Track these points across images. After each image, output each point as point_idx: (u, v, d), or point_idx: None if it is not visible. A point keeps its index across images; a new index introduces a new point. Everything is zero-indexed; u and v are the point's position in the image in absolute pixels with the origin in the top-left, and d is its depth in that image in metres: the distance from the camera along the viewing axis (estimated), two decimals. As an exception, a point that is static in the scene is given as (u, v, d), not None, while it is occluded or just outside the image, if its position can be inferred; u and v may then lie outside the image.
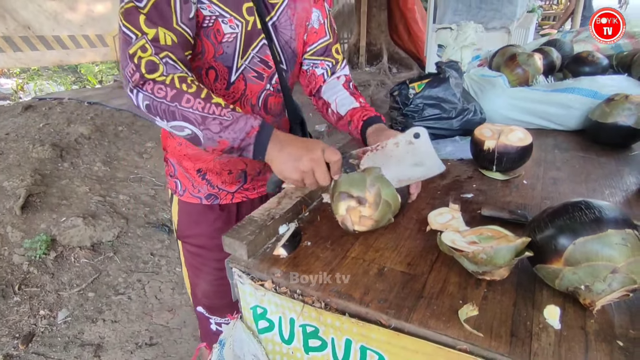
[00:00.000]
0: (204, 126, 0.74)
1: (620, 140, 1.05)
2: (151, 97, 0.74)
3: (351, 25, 7.09)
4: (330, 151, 0.75)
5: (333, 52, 1.05)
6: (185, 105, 0.73)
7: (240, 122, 0.74)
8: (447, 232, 0.66)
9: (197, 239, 1.06)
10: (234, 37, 0.85)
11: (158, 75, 0.73)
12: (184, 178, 1.03)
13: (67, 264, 2.31)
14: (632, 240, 0.51)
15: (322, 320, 0.64)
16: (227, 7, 0.82)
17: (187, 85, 0.74)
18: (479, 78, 1.39)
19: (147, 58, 0.73)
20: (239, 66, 0.89)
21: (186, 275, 1.14)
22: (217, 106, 0.75)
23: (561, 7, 7.24)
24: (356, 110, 1.00)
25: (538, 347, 0.50)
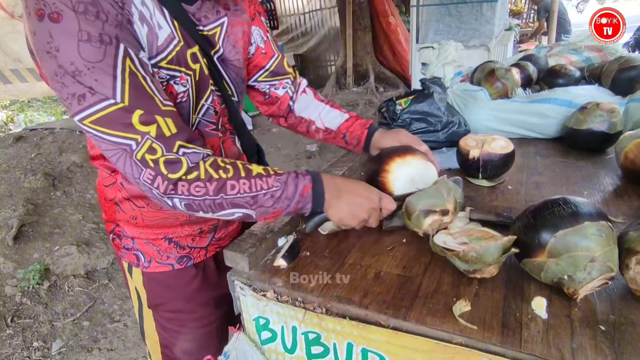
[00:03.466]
0: (257, 205, 0.70)
1: (596, 145, 1.11)
2: (190, 198, 0.67)
3: (337, 47, 7.31)
4: (387, 201, 0.78)
5: (286, 68, 1.01)
6: (232, 193, 0.68)
7: (290, 187, 0.71)
8: (438, 234, 0.70)
9: (172, 305, 0.95)
10: (187, 95, 0.76)
11: (184, 172, 0.66)
12: (146, 248, 0.89)
13: (61, 293, 2.28)
14: (606, 231, 0.55)
15: (323, 326, 0.67)
16: (176, 65, 0.72)
17: (223, 170, 0.68)
18: (461, 92, 1.46)
19: (162, 158, 0.64)
20: (194, 122, 0.80)
21: (154, 341, 1.00)
22: (261, 178, 0.70)
23: (537, 24, 7.58)
24: (350, 122, 1.00)
25: (528, 335, 0.53)
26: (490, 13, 3.73)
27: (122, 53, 0.61)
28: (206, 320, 0.97)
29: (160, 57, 0.69)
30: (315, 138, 1.07)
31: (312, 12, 7.82)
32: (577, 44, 1.68)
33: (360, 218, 0.75)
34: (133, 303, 1.00)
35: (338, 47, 7.21)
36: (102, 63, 0.59)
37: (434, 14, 3.95)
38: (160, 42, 0.69)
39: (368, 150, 1.01)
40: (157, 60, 0.69)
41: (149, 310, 0.97)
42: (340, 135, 1.02)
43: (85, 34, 0.58)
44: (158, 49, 0.68)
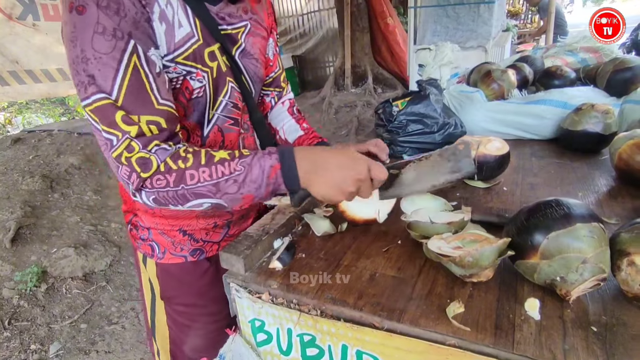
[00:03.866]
0: (220, 193, 0.68)
1: (591, 146, 1.11)
2: (154, 191, 0.68)
3: (335, 48, 7.32)
4: (377, 168, 0.70)
5: (282, 82, 1.06)
6: (192, 183, 0.67)
7: (255, 168, 0.68)
8: (432, 240, 0.70)
9: (185, 298, 0.97)
10: (203, 90, 0.78)
11: (155, 170, 0.67)
12: (161, 239, 0.92)
13: (58, 295, 2.28)
14: (598, 233, 0.56)
15: (318, 328, 0.67)
16: (192, 62, 0.75)
17: (182, 160, 0.68)
18: (458, 94, 1.47)
19: (136, 156, 0.66)
20: (211, 117, 0.83)
21: (164, 337, 1.01)
22: (223, 163, 0.68)
23: (535, 25, 7.60)
24: (302, 139, 1.02)
25: (520, 336, 0.53)
26: (488, 14, 3.74)
27: (131, 49, 0.65)
28: (217, 317, 0.98)
29: (177, 53, 0.73)
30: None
31: (311, 13, 7.82)
32: (573, 45, 1.69)
33: (346, 192, 0.68)
34: (145, 297, 1.02)
35: (336, 48, 7.21)
36: (109, 56, 0.63)
37: (432, 15, 3.96)
38: (177, 39, 0.73)
39: None
40: (174, 55, 0.73)
41: (161, 302, 0.98)
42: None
43: (101, 27, 0.63)
44: (175, 45, 0.72)
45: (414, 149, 1.27)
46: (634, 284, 0.55)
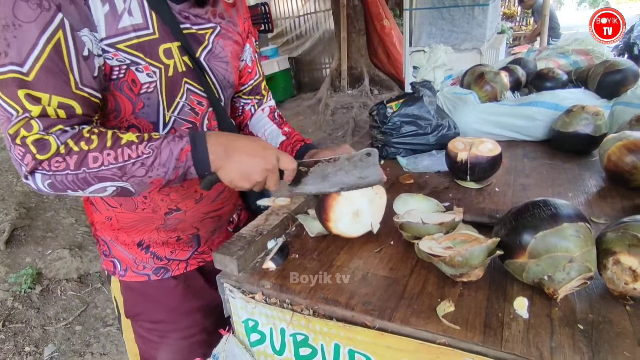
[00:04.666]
0: (127, 176, 0.65)
1: (581, 148, 1.13)
2: (50, 173, 0.63)
3: (332, 50, 7.34)
4: (285, 159, 0.71)
5: (262, 90, 1.03)
6: (94, 166, 0.63)
7: (164, 152, 0.65)
8: (423, 240, 0.71)
9: (151, 315, 0.92)
10: (154, 87, 0.73)
11: (53, 152, 0.62)
12: (122, 256, 0.87)
13: (53, 297, 2.27)
14: (584, 232, 0.57)
15: (311, 327, 0.68)
16: (140, 52, 0.70)
17: (86, 141, 0.63)
18: (451, 96, 1.48)
19: (34, 137, 0.61)
20: (167, 120, 0.78)
21: (134, 354, 0.98)
22: (130, 146, 0.65)
23: (529, 27, 7.66)
24: (285, 144, 0.98)
25: (509, 334, 0.54)
26: (482, 17, 3.77)
27: (57, 23, 0.61)
28: (189, 332, 0.95)
29: (119, 39, 0.68)
30: None
31: (307, 15, 7.84)
32: (565, 48, 1.71)
33: (253, 180, 0.69)
34: (116, 313, 1.00)
35: (333, 50, 7.23)
36: (30, 25, 0.59)
37: (427, 18, 3.99)
38: (121, 25, 0.68)
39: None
40: (115, 41, 0.68)
41: (127, 320, 0.94)
42: None
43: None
44: (117, 31, 0.68)
45: (408, 150, 1.29)
46: (620, 282, 0.56)
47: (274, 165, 0.70)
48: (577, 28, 7.50)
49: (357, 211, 0.79)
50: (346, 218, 0.79)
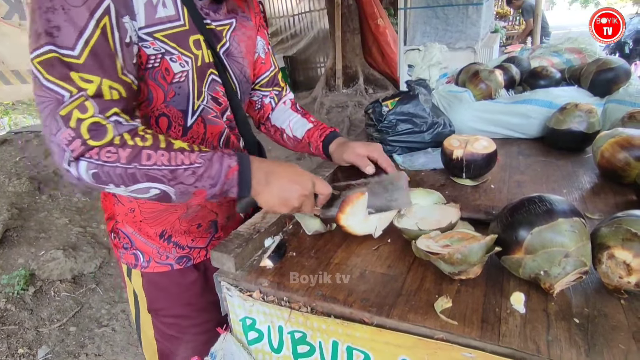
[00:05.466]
0: (175, 181, 0.65)
1: (575, 145, 1.14)
2: (99, 163, 0.61)
3: (327, 49, 7.34)
4: (321, 185, 0.74)
5: (280, 81, 1.05)
6: (147, 164, 0.63)
7: (215, 165, 0.67)
8: (421, 239, 0.71)
9: (173, 309, 0.93)
10: (185, 76, 0.75)
11: (107, 141, 0.61)
12: (145, 247, 0.88)
13: (46, 298, 2.24)
14: (579, 227, 0.57)
15: (309, 325, 0.68)
16: (173, 43, 0.72)
17: (141, 138, 0.64)
18: (446, 94, 1.49)
19: (90, 120, 0.60)
20: (196, 108, 0.80)
21: (152, 351, 0.97)
22: (183, 152, 0.65)
23: (522, 26, 7.72)
24: (312, 131, 1.01)
25: (506, 329, 0.54)
26: (476, 16, 3.79)
27: (104, 8, 0.61)
28: (206, 327, 0.96)
29: (157, 29, 0.71)
30: (288, 147, 1.08)
31: (302, 14, 7.83)
32: (558, 47, 1.72)
33: (291, 206, 0.72)
34: (130, 310, 0.99)
35: (327, 49, 7.23)
36: (80, 9, 0.59)
37: (421, 17, 4.00)
38: (158, 15, 0.70)
39: (331, 159, 1.01)
40: (153, 30, 0.70)
41: (148, 315, 0.95)
42: (306, 143, 1.03)
43: None
44: (154, 20, 0.70)
45: (404, 148, 1.29)
46: (614, 276, 0.56)
47: (310, 191, 0.73)
48: (569, 27, 7.58)
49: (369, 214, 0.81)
50: (359, 217, 0.79)
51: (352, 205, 0.78)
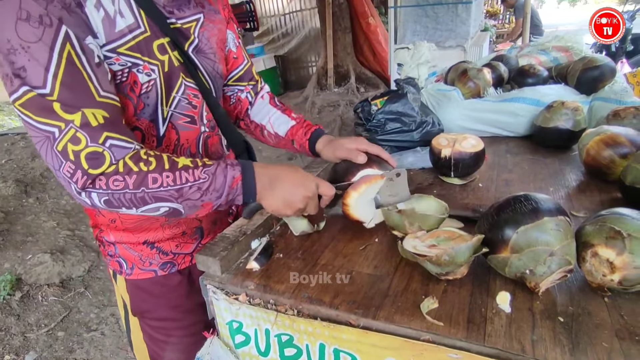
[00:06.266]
0: (182, 198, 0.67)
1: (562, 143, 1.15)
2: (109, 192, 0.64)
3: (318, 48, 7.32)
4: (325, 186, 0.76)
5: (254, 74, 1.03)
6: (154, 187, 0.65)
7: (219, 178, 0.69)
8: (407, 239, 0.70)
9: (158, 312, 0.93)
10: (152, 85, 0.74)
11: (106, 167, 0.63)
12: (128, 255, 0.88)
13: (34, 303, 2.20)
14: (564, 226, 0.57)
15: (295, 328, 0.67)
16: (138, 53, 0.70)
17: (144, 162, 0.65)
18: (435, 92, 1.49)
19: (86, 150, 0.61)
20: (165, 115, 0.79)
21: (143, 355, 0.98)
22: (187, 170, 0.67)
23: (512, 25, 7.79)
24: (295, 128, 0.99)
25: (492, 329, 0.54)
26: (466, 14, 3.81)
27: (63, 37, 0.60)
28: (193, 329, 0.95)
29: (119, 43, 0.68)
30: (269, 143, 1.06)
31: (293, 13, 7.80)
32: (545, 45, 1.74)
33: (295, 208, 0.74)
34: (120, 313, 0.99)
35: (319, 48, 7.22)
36: (39, 44, 0.58)
37: (411, 15, 4.01)
38: (118, 28, 0.68)
39: (319, 156, 0.99)
40: (115, 45, 0.68)
41: (135, 318, 0.95)
42: (289, 141, 1.01)
43: (25, 13, 0.57)
44: (115, 35, 0.67)
45: (393, 147, 1.29)
46: (598, 274, 0.56)
47: (314, 193, 0.75)
48: (557, 26, 7.67)
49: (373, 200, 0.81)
50: (364, 200, 0.80)
51: (368, 185, 0.78)
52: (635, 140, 0.88)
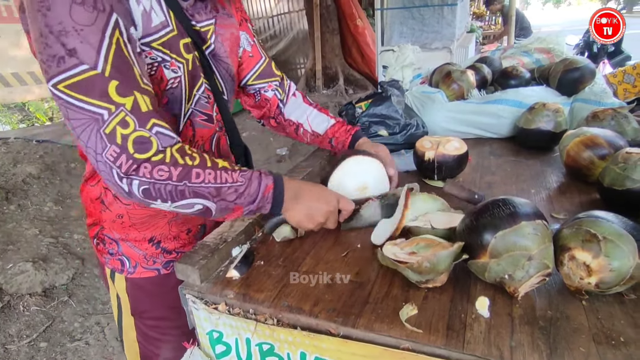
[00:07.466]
0: (219, 197, 0.69)
1: (544, 144, 1.16)
2: (151, 181, 0.64)
3: (306, 50, 7.32)
4: (345, 202, 0.80)
5: (274, 70, 1.05)
6: (196, 181, 0.66)
7: (254, 183, 0.71)
8: (386, 246, 0.70)
9: (155, 312, 0.94)
10: (178, 82, 0.76)
11: (153, 153, 0.63)
12: (132, 253, 0.88)
13: (15, 314, 2.15)
14: (541, 230, 0.57)
15: (276, 337, 0.66)
16: (167, 49, 0.73)
17: (189, 157, 0.67)
18: (420, 94, 1.49)
19: (134, 134, 0.61)
20: (186, 112, 0.81)
21: (135, 353, 0.98)
22: (227, 171, 0.69)
23: (499, 26, 7.89)
24: (336, 127, 1.05)
25: (471, 336, 0.54)
26: (451, 16, 3.84)
27: (113, 23, 0.62)
28: (188, 328, 0.95)
29: (153, 38, 0.71)
30: (303, 140, 1.10)
31: (280, 15, 7.79)
32: (528, 47, 1.75)
33: (317, 221, 0.77)
34: (113, 312, 0.99)
35: (307, 50, 7.21)
36: (92, 28, 0.59)
37: (398, 17, 4.03)
38: (154, 24, 0.70)
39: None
40: (150, 40, 0.70)
41: (131, 318, 0.95)
42: (327, 139, 1.06)
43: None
44: (151, 29, 0.70)
45: (377, 150, 1.28)
46: (575, 277, 0.56)
47: (335, 207, 0.78)
48: (541, 27, 7.79)
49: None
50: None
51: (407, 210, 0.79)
52: (613, 141, 0.89)
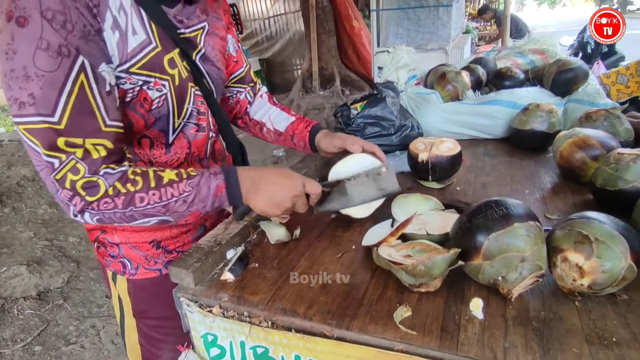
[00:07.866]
0: (170, 212, 0.71)
1: (538, 145, 1.16)
2: (100, 212, 0.67)
3: (302, 51, 7.32)
4: (311, 185, 0.77)
5: (252, 76, 1.08)
6: (141, 205, 0.68)
7: (203, 189, 0.71)
8: (382, 247, 0.70)
9: (156, 312, 0.95)
10: (164, 100, 0.75)
11: (102, 194, 0.66)
12: (133, 255, 0.89)
13: (9, 317, 2.13)
14: (534, 231, 0.58)
15: (270, 340, 0.65)
16: (148, 70, 0.71)
17: (132, 183, 0.68)
18: (415, 95, 1.49)
19: (83, 180, 0.64)
20: (177, 126, 0.81)
21: (136, 352, 0.99)
22: (172, 185, 0.69)
23: (493, 28, 7.93)
24: (296, 124, 1.03)
25: (465, 337, 0.54)
26: (447, 17, 3.86)
27: (78, 67, 0.61)
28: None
29: (131, 63, 0.69)
30: (268, 140, 1.10)
31: (276, 16, 7.79)
32: (522, 47, 1.76)
33: (283, 207, 0.75)
34: (116, 315, 0.99)
35: (303, 51, 7.21)
36: (54, 74, 0.59)
37: (393, 18, 4.04)
38: (130, 48, 0.69)
39: (317, 151, 1.03)
40: (128, 66, 0.69)
41: (133, 319, 0.96)
42: (289, 137, 1.05)
43: (45, 43, 0.58)
44: (128, 55, 0.68)
45: (373, 151, 1.28)
46: (568, 279, 0.57)
47: (301, 191, 0.76)
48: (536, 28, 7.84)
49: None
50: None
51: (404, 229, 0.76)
52: (605, 142, 0.90)
